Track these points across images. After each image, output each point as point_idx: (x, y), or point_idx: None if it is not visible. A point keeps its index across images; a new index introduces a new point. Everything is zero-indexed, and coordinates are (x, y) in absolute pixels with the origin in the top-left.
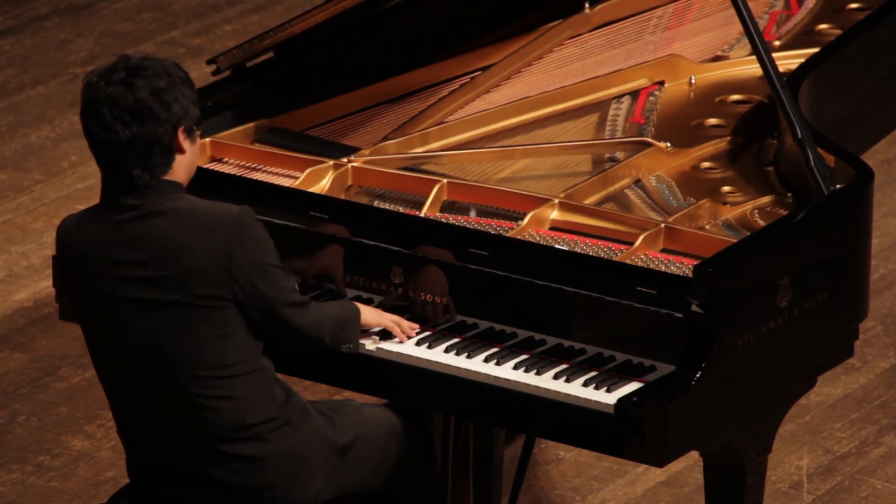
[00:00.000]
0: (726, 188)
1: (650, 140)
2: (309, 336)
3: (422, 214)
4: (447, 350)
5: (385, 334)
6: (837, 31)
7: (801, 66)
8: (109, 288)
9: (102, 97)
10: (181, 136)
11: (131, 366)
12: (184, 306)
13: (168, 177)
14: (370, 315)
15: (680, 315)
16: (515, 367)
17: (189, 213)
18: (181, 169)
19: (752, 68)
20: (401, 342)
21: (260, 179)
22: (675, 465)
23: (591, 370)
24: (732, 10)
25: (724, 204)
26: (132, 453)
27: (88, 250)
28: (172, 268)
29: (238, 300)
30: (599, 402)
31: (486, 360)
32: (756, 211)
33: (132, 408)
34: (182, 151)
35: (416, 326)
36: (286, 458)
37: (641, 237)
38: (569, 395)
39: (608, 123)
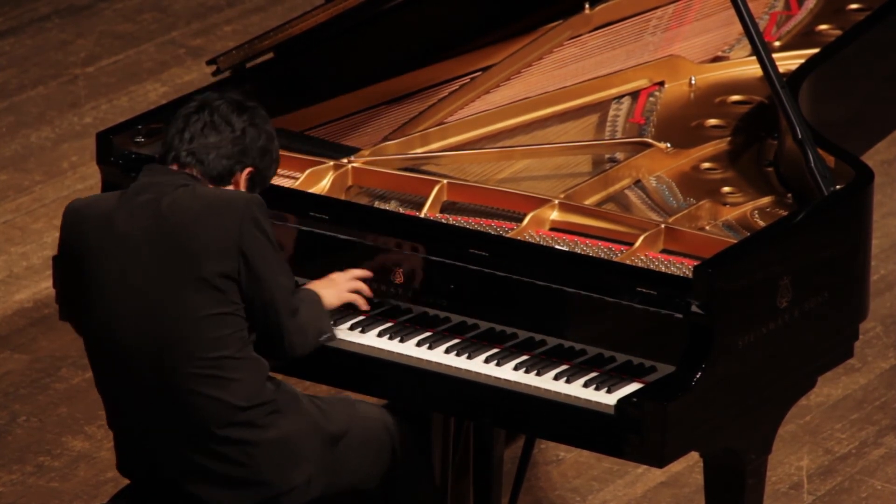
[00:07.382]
0: (726, 189)
1: (650, 141)
2: (293, 343)
3: (422, 215)
4: (447, 351)
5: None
6: (838, 32)
7: (802, 66)
8: (113, 263)
9: (215, 104)
10: (244, 176)
11: (127, 349)
12: (187, 281)
13: None
14: (330, 296)
15: (680, 316)
16: (516, 368)
17: (202, 192)
18: None
19: (753, 69)
20: (367, 310)
21: None
22: (676, 466)
23: (592, 371)
24: (732, 11)
25: (725, 204)
26: (125, 451)
27: (96, 224)
28: (181, 241)
29: (240, 281)
30: (600, 403)
31: (487, 360)
32: (756, 211)
33: (127, 402)
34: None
35: (368, 273)
36: (277, 444)
37: (641, 238)
38: (569, 396)
39: (608, 124)
